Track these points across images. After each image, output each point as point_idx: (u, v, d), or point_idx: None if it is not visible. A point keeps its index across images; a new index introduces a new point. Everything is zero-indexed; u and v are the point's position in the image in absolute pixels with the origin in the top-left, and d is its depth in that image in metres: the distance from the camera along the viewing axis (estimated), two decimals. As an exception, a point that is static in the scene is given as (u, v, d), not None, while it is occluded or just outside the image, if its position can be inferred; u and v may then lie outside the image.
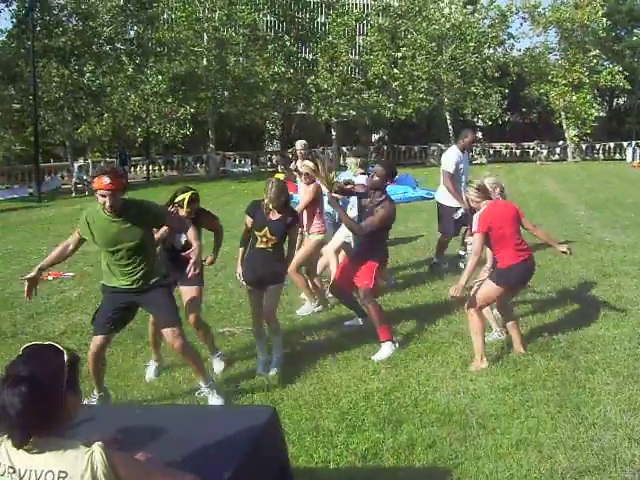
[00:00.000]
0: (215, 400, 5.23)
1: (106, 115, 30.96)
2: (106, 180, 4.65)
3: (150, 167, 34.28)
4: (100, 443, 2.03)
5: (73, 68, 29.86)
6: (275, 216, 6.00)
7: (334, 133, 38.43)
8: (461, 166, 9.45)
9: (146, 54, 31.81)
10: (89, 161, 29.63)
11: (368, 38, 38.66)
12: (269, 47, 35.34)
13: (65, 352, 2.13)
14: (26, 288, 4.89)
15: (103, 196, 4.70)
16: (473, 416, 4.95)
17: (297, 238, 6.32)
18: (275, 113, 39.75)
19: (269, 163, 38.18)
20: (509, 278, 5.99)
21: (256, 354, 6.24)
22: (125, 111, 30.81)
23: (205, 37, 33.37)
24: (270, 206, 5.97)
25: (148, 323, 6.03)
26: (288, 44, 36.51)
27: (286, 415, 5.00)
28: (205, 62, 33.33)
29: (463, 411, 5.04)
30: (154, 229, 5.38)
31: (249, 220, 6.19)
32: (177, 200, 5.92)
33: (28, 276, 4.94)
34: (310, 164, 7.57)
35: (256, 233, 6.07)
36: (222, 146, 36.37)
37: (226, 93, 34.97)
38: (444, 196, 9.55)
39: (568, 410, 5.00)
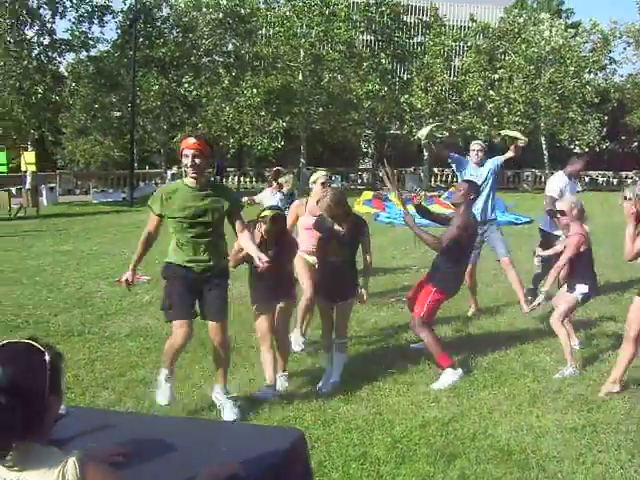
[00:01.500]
0: (229, 412, 5.12)
1: (201, 125, 31.62)
2: (193, 139, 4.86)
3: (242, 178, 34.90)
4: (77, 452, 1.89)
5: (172, 78, 30.82)
6: (341, 228, 5.86)
7: (426, 153, 38.02)
8: (566, 193, 8.94)
9: (243, 67, 32.41)
10: (183, 170, 30.23)
11: (465, 59, 38.20)
12: (364, 65, 35.38)
13: (47, 352, 1.94)
14: (125, 286, 5.15)
15: (186, 156, 4.80)
16: (534, 457, 4.59)
17: (369, 246, 6.07)
18: (368, 131, 39.72)
19: (359, 180, 38.28)
20: None
21: (314, 371, 6.05)
22: (219, 122, 31.44)
23: (302, 53, 33.72)
24: (329, 217, 5.83)
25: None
26: (384, 62, 36.48)
27: (335, 438, 4.79)
28: (300, 77, 33.66)
29: (524, 450, 4.68)
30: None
31: (317, 233, 6.11)
32: (262, 215, 5.56)
33: (124, 278, 5.10)
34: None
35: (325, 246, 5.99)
36: (313, 161, 36.52)
37: (320, 109, 35.21)
38: (547, 223, 9.07)
39: (641, 459, 4.59)
